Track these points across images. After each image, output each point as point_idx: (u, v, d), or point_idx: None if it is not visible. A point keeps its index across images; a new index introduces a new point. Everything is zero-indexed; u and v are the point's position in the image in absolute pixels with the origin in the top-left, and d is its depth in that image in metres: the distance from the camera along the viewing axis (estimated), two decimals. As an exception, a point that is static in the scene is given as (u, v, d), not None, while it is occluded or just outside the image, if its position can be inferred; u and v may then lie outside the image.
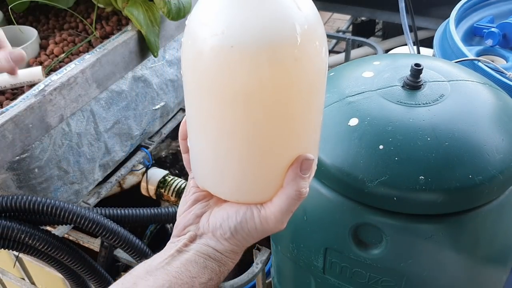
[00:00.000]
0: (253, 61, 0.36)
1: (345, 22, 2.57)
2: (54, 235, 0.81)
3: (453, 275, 0.57)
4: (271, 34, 0.36)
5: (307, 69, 0.39)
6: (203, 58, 0.38)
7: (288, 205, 0.43)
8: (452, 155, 0.52)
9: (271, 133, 0.41)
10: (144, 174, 1.13)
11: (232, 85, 0.38)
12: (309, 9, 0.38)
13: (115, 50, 0.91)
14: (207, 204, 0.47)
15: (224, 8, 0.36)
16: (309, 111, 0.42)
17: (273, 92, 0.38)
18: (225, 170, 0.44)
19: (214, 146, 0.43)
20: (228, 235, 0.44)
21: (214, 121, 0.41)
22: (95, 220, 0.77)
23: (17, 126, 0.76)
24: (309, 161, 0.43)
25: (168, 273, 0.42)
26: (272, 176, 0.43)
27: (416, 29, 1.09)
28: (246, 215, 0.44)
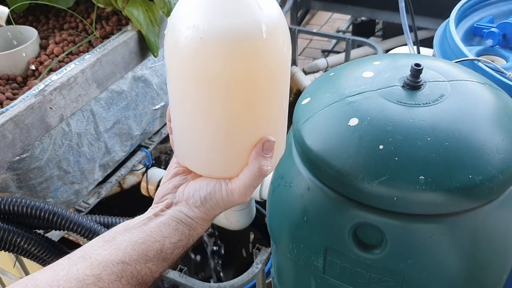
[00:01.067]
0: (217, 51, 0.43)
1: (345, 22, 2.57)
2: (49, 240, 0.81)
3: (453, 275, 0.57)
4: (233, 29, 0.42)
5: (267, 61, 0.45)
6: (178, 47, 0.45)
7: (251, 180, 0.50)
8: (452, 155, 0.52)
9: (234, 117, 0.47)
10: (144, 174, 1.13)
11: (201, 72, 0.44)
12: (271, 9, 0.44)
13: (115, 50, 0.91)
14: (185, 178, 0.54)
15: (197, 6, 0.43)
16: (270, 99, 0.48)
17: (234, 80, 0.44)
18: (199, 148, 0.50)
19: (188, 126, 0.50)
20: (199, 203, 0.51)
21: (187, 104, 0.48)
22: (91, 229, 0.77)
23: (17, 126, 0.76)
24: (270, 143, 0.49)
25: (143, 232, 0.49)
26: (238, 155, 0.50)
27: (416, 29, 1.09)
28: (215, 187, 0.51)
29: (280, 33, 0.45)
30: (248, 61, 0.44)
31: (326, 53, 2.29)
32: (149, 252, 0.48)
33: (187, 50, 0.44)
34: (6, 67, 0.92)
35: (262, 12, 0.43)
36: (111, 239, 0.48)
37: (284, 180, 0.63)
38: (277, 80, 0.47)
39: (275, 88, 0.48)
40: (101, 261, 0.45)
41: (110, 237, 0.48)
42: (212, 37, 0.42)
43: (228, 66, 0.44)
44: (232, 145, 0.49)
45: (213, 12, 0.43)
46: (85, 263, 0.45)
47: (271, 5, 0.45)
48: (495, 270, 0.61)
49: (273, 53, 0.45)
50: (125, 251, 0.47)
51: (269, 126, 0.49)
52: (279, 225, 0.67)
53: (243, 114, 0.47)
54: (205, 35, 0.42)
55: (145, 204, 1.22)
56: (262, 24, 0.43)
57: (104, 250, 0.46)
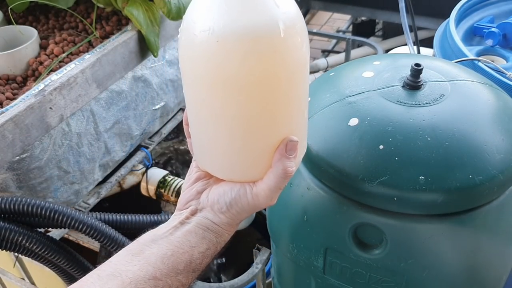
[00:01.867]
0: (235, 52, 0.42)
1: (345, 22, 2.57)
2: (51, 238, 0.81)
3: (453, 275, 0.57)
4: (250, 29, 0.41)
5: (286, 60, 0.44)
6: (194, 52, 0.44)
7: (276, 182, 0.48)
8: (452, 155, 0.52)
9: (256, 118, 0.46)
10: (144, 174, 1.13)
11: (219, 74, 0.43)
12: (288, 6, 0.43)
13: (115, 50, 0.91)
14: (208, 183, 0.53)
15: (211, 8, 0.42)
16: (291, 98, 0.47)
17: (255, 81, 0.43)
18: (220, 152, 0.49)
19: (209, 130, 0.48)
20: (224, 209, 0.50)
21: (206, 108, 0.47)
22: (92, 226, 0.77)
23: (17, 126, 0.76)
24: (293, 143, 0.48)
25: (171, 242, 0.47)
26: (262, 157, 0.48)
27: (416, 29, 1.09)
28: (240, 191, 0.49)
29: (299, 30, 0.44)
30: (267, 60, 0.43)
31: (326, 53, 2.29)
32: (179, 264, 0.47)
33: (204, 54, 0.43)
34: (6, 67, 0.92)
35: (279, 9, 0.42)
36: (139, 252, 0.46)
37: (284, 180, 0.63)
38: (296, 78, 0.46)
39: (294, 87, 0.46)
40: (132, 279, 0.44)
41: (137, 249, 0.47)
42: (228, 38, 0.41)
43: (247, 66, 0.42)
44: (253, 147, 0.48)
45: (228, 12, 0.41)
46: (116, 281, 0.44)
47: (288, 2, 0.44)
48: (495, 270, 0.61)
49: (292, 51, 0.44)
50: (155, 266, 0.45)
51: (291, 125, 0.48)
52: (279, 225, 0.67)
53: (264, 115, 0.46)
54: (221, 37, 0.41)
55: (145, 204, 1.22)
56: (280, 21, 0.42)
57: (133, 265, 0.45)
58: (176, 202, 1.09)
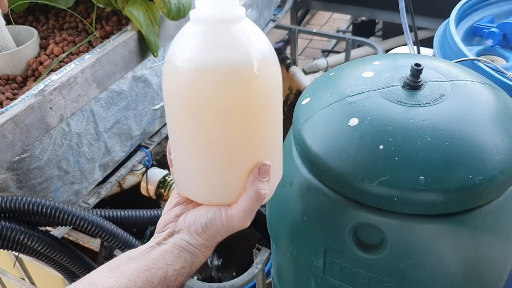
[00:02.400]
0: (211, 82, 0.45)
1: (345, 22, 2.57)
2: (53, 236, 0.81)
3: (453, 275, 0.57)
4: (225, 62, 0.45)
5: (258, 91, 0.47)
6: (174, 80, 0.47)
7: (249, 204, 0.50)
8: (452, 155, 0.52)
9: (230, 144, 0.49)
10: (144, 174, 1.13)
11: (196, 102, 0.46)
12: (260, 40, 0.47)
13: (115, 50, 0.91)
14: (186, 207, 0.55)
15: (192, 40, 0.46)
16: (264, 125, 0.50)
17: (227, 109, 0.46)
18: (197, 176, 0.52)
19: (186, 155, 0.51)
20: (200, 230, 0.52)
21: (183, 134, 0.50)
22: (93, 222, 0.77)
23: (17, 126, 0.76)
24: (266, 167, 0.50)
25: (147, 259, 0.50)
26: (236, 181, 0.51)
27: (416, 29, 1.09)
28: (215, 214, 0.52)
29: (270, 63, 0.48)
30: (241, 91, 0.46)
31: (326, 53, 2.29)
32: (153, 279, 0.48)
33: (183, 82, 0.46)
34: (6, 67, 0.92)
35: (252, 44, 0.46)
36: (116, 267, 0.49)
37: (284, 180, 0.63)
38: (269, 107, 0.49)
39: (268, 115, 0.50)
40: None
41: (114, 265, 0.49)
42: (205, 68, 0.45)
43: (222, 96, 0.46)
44: (229, 172, 0.51)
45: (206, 45, 0.45)
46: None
47: (260, 37, 0.48)
48: (495, 270, 0.61)
49: (264, 82, 0.47)
50: (130, 278, 0.47)
51: (265, 151, 0.51)
52: (279, 225, 0.67)
53: (238, 141, 0.49)
54: (198, 66, 0.45)
55: (145, 204, 1.22)
56: (252, 55, 0.46)
57: (110, 277, 0.47)
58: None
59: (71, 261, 0.83)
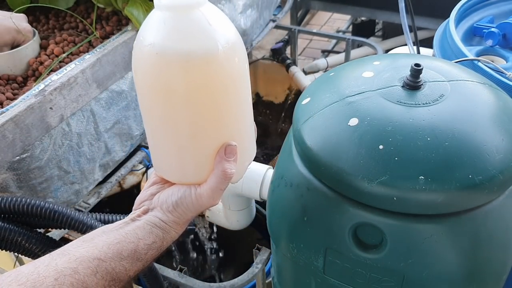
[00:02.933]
0: (172, 65, 0.47)
1: (345, 22, 2.57)
2: (51, 238, 0.81)
3: (453, 275, 0.57)
4: (185, 44, 0.47)
5: (218, 73, 0.48)
6: (140, 63, 0.49)
7: (217, 183, 0.53)
8: (452, 155, 0.52)
9: (196, 124, 0.51)
10: (144, 174, 1.13)
11: (159, 85, 0.48)
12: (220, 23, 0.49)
13: (115, 50, 0.92)
14: (162, 187, 0.58)
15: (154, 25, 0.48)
16: (229, 107, 0.51)
17: (189, 92, 0.48)
18: (168, 157, 0.55)
19: (156, 137, 0.54)
20: (171, 208, 0.55)
21: (152, 116, 0.52)
22: (92, 226, 0.77)
23: (17, 126, 0.76)
24: (232, 147, 0.53)
25: (119, 234, 0.53)
26: (204, 161, 0.53)
27: (416, 29, 1.09)
28: (185, 192, 0.55)
29: (231, 45, 0.49)
30: (200, 74, 0.48)
31: (326, 53, 2.29)
32: (123, 251, 0.52)
33: (147, 66, 0.48)
34: (6, 67, 0.92)
35: (211, 27, 0.48)
36: (90, 240, 0.52)
37: (284, 180, 0.63)
38: (233, 90, 0.51)
39: (232, 97, 0.51)
40: (78, 257, 0.49)
41: (89, 238, 0.52)
42: (166, 52, 0.47)
43: (182, 79, 0.47)
44: (197, 152, 0.53)
45: (167, 30, 0.47)
46: (64, 258, 0.49)
47: (222, 21, 0.49)
48: (495, 270, 0.61)
49: (225, 64, 0.49)
50: (101, 250, 0.51)
51: (232, 132, 0.53)
52: (279, 225, 0.67)
53: (202, 122, 0.51)
54: (159, 51, 0.47)
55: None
56: (211, 39, 0.47)
57: (82, 248, 0.51)
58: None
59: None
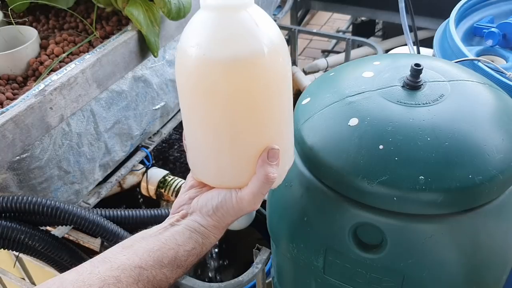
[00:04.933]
0: (218, 67, 0.46)
1: (345, 22, 2.57)
2: (54, 236, 0.81)
3: (453, 275, 0.57)
4: (232, 46, 0.46)
5: (265, 75, 0.48)
6: (184, 65, 0.49)
7: (259, 187, 0.52)
8: (452, 155, 0.52)
9: (239, 127, 0.50)
10: (144, 174, 1.13)
11: (204, 86, 0.48)
12: (267, 26, 0.48)
13: (115, 50, 0.92)
14: (200, 190, 0.57)
15: (200, 27, 0.47)
16: (272, 110, 0.50)
17: (235, 93, 0.47)
18: (209, 160, 0.53)
19: (198, 140, 0.53)
20: (211, 212, 0.54)
21: (195, 118, 0.51)
22: (94, 221, 0.77)
23: (17, 126, 0.76)
24: (275, 151, 0.52)
25: (159, 240, 0.52)
26: (246, 165, 0.52)
27: (416, 29, 1.09)
28: (226, 196, 0.54)
29: (278, 48, 0.48)
30: (247, 76, 0.47)
31: (326, 53, 2.29)
32: (164, 258, 0.51)
33: (192, 67, 0.47)
34: (6, 67, 0.92)
35: (259, 29, 0.47)
36: (129, 246, 0.51)
37: (284, 180, 0.63)
38: (276, 92, 0.50)
39: (276, 100, 0.50)
40: (119, 265, 0.49)
41: (128, 244, 0.52)
42: (213, 53, 0.46)
43: (228, 81, 0.47)
44: (239, 155, 0.52)
45: (214, 31, 0.47)
46: (106, 265, 0.49)
47: (269, 23, 0.48)
48: (495, 270, 0.61)
49: (271, 67, 0.48)
50: (141, 257, 0.50)
51: (274, 135, 0.52)
52: (279, 225, 0.67)
53: (245, 125, 0.50)
54: (207, 52, 0.46)
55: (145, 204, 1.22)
56: (259, 41, 0.46)
57: (123, 255, 0.50)
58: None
59: (72, 261, 0.83)
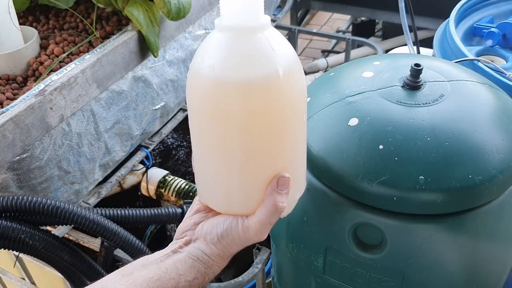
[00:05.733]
0: (231, 91, 0.44)
1: (345, 22, 2.57)
2: (54, 235, 0.81)
3: (453, 275, 0.57)
4: (246, 70, 0.44)
5: (279, 100, 0.46)
6: (196, 86, 0.47)
7: (267, 217, 0.49)
8: (452, 155, 0.52)
9: (248, 154, 0.48)
10: (144, 174, 1.13)
11: (215, 109, 0.46)
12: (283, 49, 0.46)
13: (115, 50, 0.92)
14: (206, 215, 0.54)
15: (214, 48, 0.46)
16: (285, 135, 0.48)
17: (247, 118, 0.45)
18: (216, 185, 0.52)
19: (207, 163, 0.51)
20: (216, 240, 0.51)
21: (204, 141, 0.50)
22: (95, 221, 0.77)
23: (17, 126, 0.76)
24: (285, 179, 0.49)
25: (159, 268, 0.49)
26: (255, 191, 0.50)
27: (416, 29, 1.09)
28: (232, 223, 0.51)
29: (294, 73, 0.46)
30: (260, 101, 0.45)
31: (326, 53, 2.29)
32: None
33: (204, 89, 0.46)
34: (6, 67, 0.92)
35: (274, 53, 0.45)
36: (129, 274, 0.49)
37: (284, 180, 0.63)
38: (291, 118, 0.48)
39: (289, 126, 0.48)
40: None
41: (128, 271, 0.49)
42: (226, 77, 0.44)
43: (241, 105, 0.45)
44: (247, 181, 0.50)
45: (228, 53, 0.45)
46: None
47: (285, 46, 0.46)
48: (495, 270, 0.61)
49: (286, 93, 0.46)
50: (140, 287, 0.47)
51: (285, 162, 0.50)
52: (279, 225, 0.67)
53: (256, 151, 0.48)
54: (219, 75, 0.44)
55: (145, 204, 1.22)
56: (275, 65, 0.45)
57: (121, 284, 0.48)
58: (176, 202, 1.10)
59: (73, 261, 0.83)
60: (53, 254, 0.80)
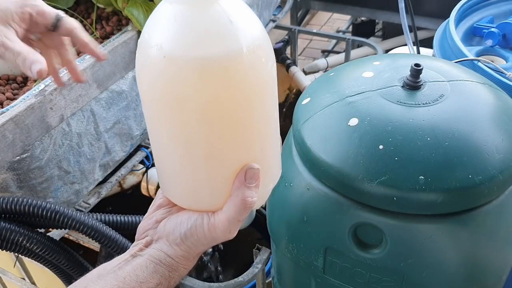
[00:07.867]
0: (184, 72, 0.38)
1: (345, 22, 2.57)
2: (52, 239, 0.81)
3: (453, 275, 0.57)
4: (200, 47, 0.38)
5: (242, 81, 0.39)
6: (145, 67, 0.41)
7: (235, 213, 0.44)
8: (452, 155, 0.52)
9: (211, 142, 0.41)
10: (144, 174, 1.13)
11: (168, 94, 0.39)
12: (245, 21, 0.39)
13: (115, 50, 0.92)
14: (169, 211, 0.49)
15: (162, 22, 0.39)
16: (252, 122, 0.42)
17: (205, 103, 0.39)
18: (177, 178, 0.45)
19: (165, 154, 0.45)
20: (179, 240, 0.46)
21: (160, 129, 0.43)
22: (92, 226, 0.77)
23: (17, 126, 0.76)
24: (254, 170, 0.44)
25: (117, 278, 0.44)
26: (221, 185, 0.44)
27: (416, 29, 1.09)
28: (197, 221, 0.45)
29: (258, 49, 0.40)
30: (220, 83, 0.39)
31: (326, 53, 2.29)
32: None
33: (153, 71, 0.40)
34: (6, 67, 0.92)
35: (234, 26, 0.38)
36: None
37: (284, 180, 0.63)
38: (257, 101, 0.42)
39: (257, 110, 0.42)
40: None
41: (82, 286, 0.44)
42: (176, 56, 0.38)
43: (197, 89, 0.39)
44: (211, 174, 0.44)
45: (178, 29, 0.38)
46: None
47: (248, 18, 0.40)
48: (495, 270, 0.61)
49: (250, 72, 0.40)
50: None
51: (254, 151, 0.44)
52: (279, 225, 0.67)
53: (220, 140, 0.42)
54: (168, 54, 0.38)
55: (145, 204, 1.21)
56: (235, 40, 0.38)
57: None
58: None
59: (69, 264, 0.83)
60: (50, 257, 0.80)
